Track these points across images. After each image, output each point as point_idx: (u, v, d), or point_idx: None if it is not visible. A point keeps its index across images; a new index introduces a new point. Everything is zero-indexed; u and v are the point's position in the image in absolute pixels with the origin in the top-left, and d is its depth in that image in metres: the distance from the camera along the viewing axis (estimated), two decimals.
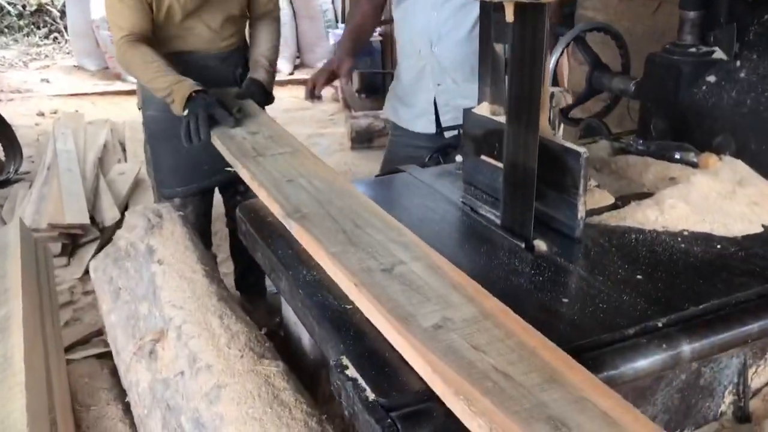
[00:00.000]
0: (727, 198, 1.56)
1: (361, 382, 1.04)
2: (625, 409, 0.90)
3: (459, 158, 1.88)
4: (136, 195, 4.20)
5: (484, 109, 1.69)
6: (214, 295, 1.43)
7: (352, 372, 1.06)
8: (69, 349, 2.55)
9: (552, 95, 1.58)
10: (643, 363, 1.12)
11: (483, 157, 1.69)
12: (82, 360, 1.69)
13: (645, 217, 1.54)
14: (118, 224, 3.69)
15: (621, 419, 0.88)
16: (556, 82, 2.88)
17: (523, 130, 1.42)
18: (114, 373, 1.58)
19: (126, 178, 4.29)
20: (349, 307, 1.22)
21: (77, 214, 3.50)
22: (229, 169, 1.83)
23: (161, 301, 1.44)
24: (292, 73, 7.35)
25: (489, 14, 1.59)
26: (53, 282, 1.95)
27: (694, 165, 1.69)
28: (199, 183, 2.43)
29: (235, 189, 2.50)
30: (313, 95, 2.34)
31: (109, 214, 3.72)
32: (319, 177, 1.67)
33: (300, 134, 2.55)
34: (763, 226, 1.50)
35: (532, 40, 1.36)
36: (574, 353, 1.09)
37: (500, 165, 1.57)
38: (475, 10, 2.09)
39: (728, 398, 1.42)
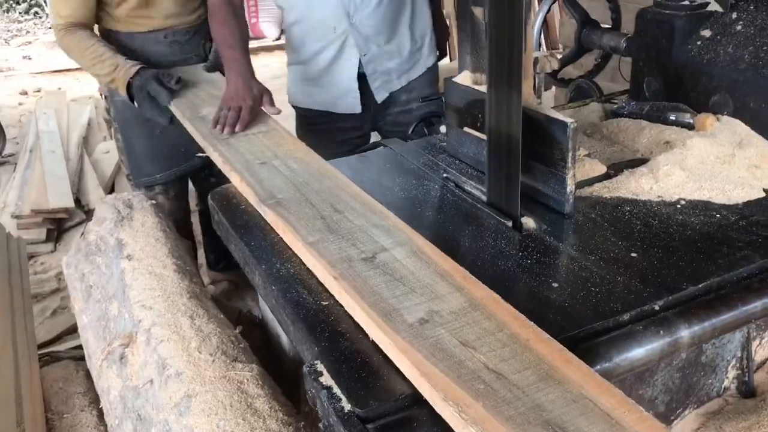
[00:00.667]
0: (726, 162, 1.48)
1: (337, 390, 0.96)
2: (629, 408, 0.83)
3: (443, 129, 1.78)
4: (121, 174, 4.10)
5: (465, 78, 1.59)
6: (185, 293, 1.36)
7: (326, 379, 0.99)
8: (55, 340, 2.50)
9: (536, 60, 1.48)
10: (640, 352, 1.04)
11: (466, 128, 1.59)
12: (56, 363, 1.61)
13: (639, 186, 1.45)
14: None
15: (624, 420, 0.82)
16: (547, 38, 2.76)
17: (505, 100, 1.32)
18: (89, 375, 1.51)
19: (111, 156, 4.18)
20: (325, 303, 1.15)
21: (61, 198, 3.42)
22: (200, 154, 1.74)
23: (130, 301, 1.36)
24: (278, 38, 7.17)
25: None
26: (27, 280, 1.88)
27: (690, 127, 1.60)
28: (178, 167, 2.33)
29: (210, 171, 2.36)
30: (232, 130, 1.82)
31: (94, 195, 3.63)
32: (295, 158, 1.60)
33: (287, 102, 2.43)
34: (764, 190, 1.42)
35: (510, 3, 1.25)
36: (566, 345, 1.02)
37: (483, 136, 1.49)
38: None
39: (731, 373, 1.35)
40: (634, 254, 1.24)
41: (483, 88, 1.50)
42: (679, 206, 1.38)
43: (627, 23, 2.18)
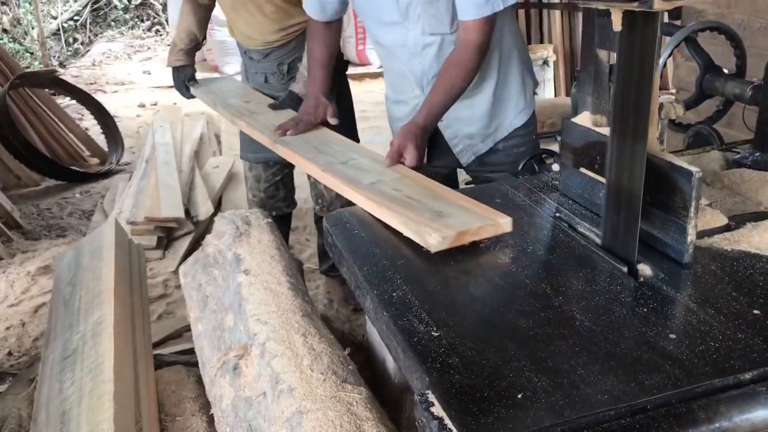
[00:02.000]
0: None
1: (448, 422, 0.98)
2: (478, 204, 1.53)
3: (556, 167, 1.78)
4: (230, 189, 4.27)
5: (584, 119, 1.59)
6: (298, 311, 1.41)
7: (438, 410, 1.00)
8: (161, 343, 2.62)
9: (661, 106, 1.46)
10: (762, 414, 1.01)
11: (583, 169, 1.59)
12: (169, 367, 1.69)
13: (762, 240, 1.40)
14: (213, 218, 3.78)
15: (474, 208, 1.52)
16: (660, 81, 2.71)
17: (629, 146, 1.31)
18: (200, 381, 1.58)
19: (220, 171, 4.38)
20: (436, 334, 1.16)
21: (173, 208, 3.60)
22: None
23: (246, 315, 1.42)
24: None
25: (592, 18, 1.49)
26: (145, 284, 1.99)
27: None
28: (263, 154, 2.64)
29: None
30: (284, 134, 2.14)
31: (203, 207, 3.80)
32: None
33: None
34: None
35: (641, 49, 1.25)
36: (682, 400, 1.00)
37: (601, 179, 1.48)
38: (452, 48, 2.00)
39: None
40: (756, 311, 1.20)
41: (603, 130, 1.49)
42: None
43: (751, 68, 2.13)
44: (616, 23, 1.26)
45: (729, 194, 1.63)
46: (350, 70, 3.19)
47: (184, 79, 2.81)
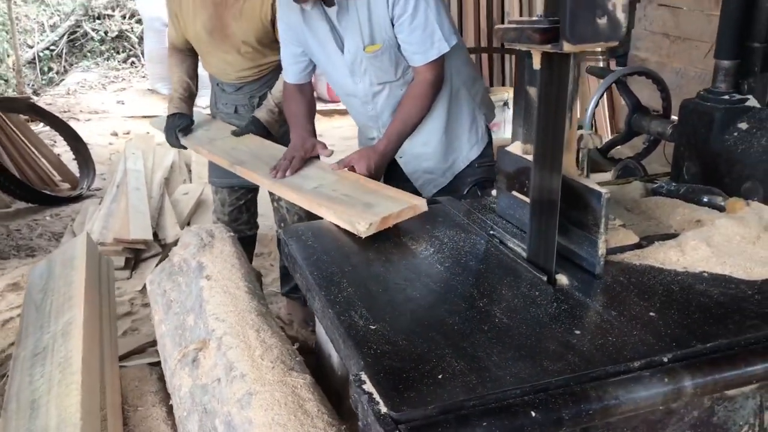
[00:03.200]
0: (751, 242, 1.60)
1: (376, 396, 1.13)
2: (401, 193, 1.90)
3: (494, 192, 1.97)
4: (198, 214, 4.41)
5: (516, 148, 1.78)
6: (253, 311, 1.56)
7: (368, 387, 1.16)
8: (125, 357, 2.72)
9: (581, 137, 1.66)
10: (643, 395, 1.18)
11: (514, 192, 1.77)
12: (134, 366, 1.82)
13: (667, 257, 1.59)
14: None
15: (396, 195, 1.88)
16: (612, 120, 2.95)
17: (547, 170, 1.50)
18: (161, 378, 1.71)
19: (189, 198, 4.51)
20: (373, 327, 1.33)
21: (142, 231, 3.72)
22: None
23: (206, 314, 1.57)
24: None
25: (524, 60, 1.69)
26: (113, 293, 2.12)
27: (722, 209, 1.74)
28: (228, 179, 2.90)
29: (273, 196, 3.03)
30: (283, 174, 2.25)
31: (172, 231, 3.92)
32: (253, 144, 2.50)
33: None
34: None
35: (557, 86, 1.45)
36: (579, 382, 1.18)
37: (527, 200, 1.66)
38: (400, 97, 2.23)
39: None
40: (653, 314, 1.38)
41: (530, 157, 1.68)
42: (700, 278, 1.52)
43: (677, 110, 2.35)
44: (536, 63, 1.46)
45: (645, 218, 1.83)
46: (321, 106, 3.42)
47: (176, 127, 2.83)
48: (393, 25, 2.10)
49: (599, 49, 3.76)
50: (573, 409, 1.14)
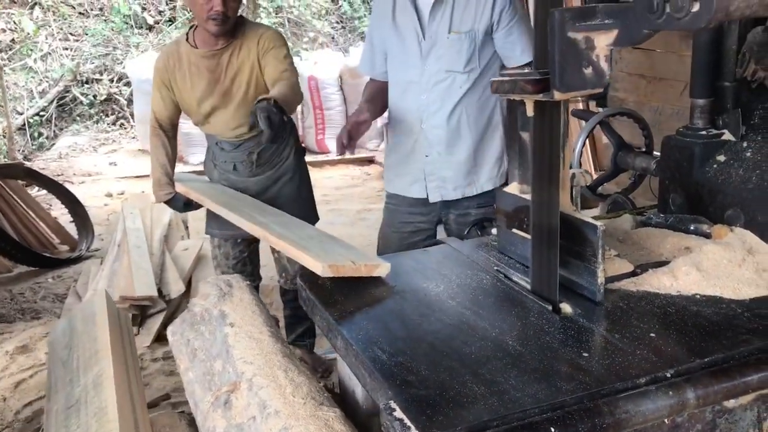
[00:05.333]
0: (738, 265, 1.73)
1: (407, 421, 1.23)
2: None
3: (494, 231, 2.09)
4: (199, 269, 4.49)
5: (514, 188, 1.91)
6: (279, 353, 1.65)
7: (399, 413, 1.26)
8: None
9: (573, 176, 1.80)
10: (651, 407, 1.28)
11: (514, 230, 1.90)
12: (162, 412, 1.90)
13: (661, 282, 1.71)
14: (183, 296, 3.99)
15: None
16: (595, 158, 3.13)
17: (545, 209, 1.63)
18: (191, 424, 1.79)
19: (189, 253, 4.60)
20: (396, 360, 1.43)
21: (146, 287, 3.80)
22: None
23: (234, 358, 1.66)
24: (342, 154, 7.71)
25: (516, 108, 1.83)
26: (134, 346, 2.20)
27: (708, 236, 1.86)
28: (229, 231, 3.01)
29: (273, 248, 3.08)
30: (342, 149, 2.67)
31: (175, 287, 4.01)
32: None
33: (349, 210, 2.91)
34: None
35: (549, 130, 1.58)
36: (591, 399, 1.28)
37: (528, 236, 1.78)
38: (456, 94, 2.58)
39: None
40: (652, 334, 1.49)
41: (528, 197, 1.81)
42: (694, 300, 1.63)
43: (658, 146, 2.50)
44: (529, 110, 1.60)
45: (637, 248, 1.95)
46: (311, 158, 3.60)
47: (179, 207, 3.08)
48: (497, 26, 2.52)
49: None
50: (588, 424, 1.24)
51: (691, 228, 1.91)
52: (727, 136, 1.97)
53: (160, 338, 3.69)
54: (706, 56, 1.97)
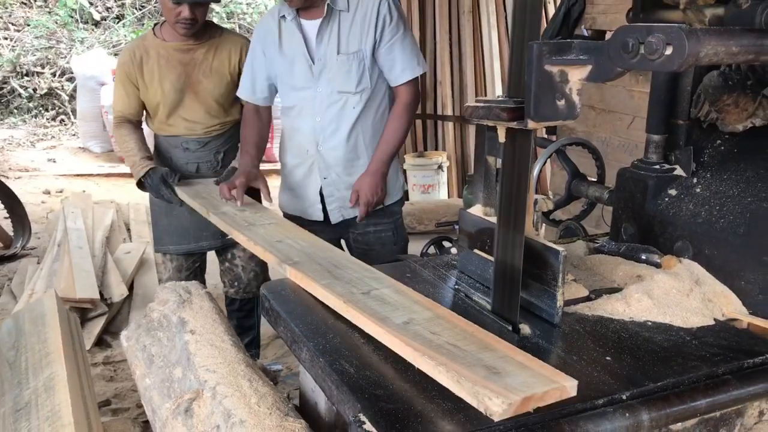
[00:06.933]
0: (685, 295, 1.82)
1: None
2: (534, 360, 1.37)
3: (454, 250, 2.14)
4: (141, 273, 4.41)
5: (477, 210, 1.96)
6: (242, 362, 1.65)
7: (368, 426, 1.28)
8: None
9: (535, 201, 1.86)
10: (609, 428, 1.34)
11: (476, 250, 1.95)
12: (115, 419, 1.87)
13: (614, 308, 1.78)
14: (125, 300, 3.91)
15: (530, 364, 1.36)
16: (538, 184, 3.26)
17: (511, 233, 1.68)
18: (144, 431, 1.76)
19: (132, 256, 4.51)
20: (363, 374, 1.45)
21: (88, 289, 3.71)
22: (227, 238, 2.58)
23: (195, 366, 1.65)
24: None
25: (483, 132, 1.89)
26: (84, 349, 2.15)
27: (658, 265, 1.95)
28: (186, 245, 3.05)
29: (224, 257, 3.22)
30: (228, 198, 2.62)
31: (117, 290, 3.92)
32: (302, 239, 2.20)
33: None
34: (714, 319, 1.75)
35: (519, 156, 1.64)
36: (553, 418, 1.33)
37: (490, 258, 1.83)
38: (350, 116, 2.66)
39: None
40: (608, 358, 1.56)
41: (491, 219, 1.87)
42: (645, 326, 1.71)
43: (611, 176, 2.60)
44: (501, 136, 1.65)
45: (591, 274, 2.03)
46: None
47: (160, 178, 2.85)
48: (379, 44, 2.56)
49: None
50: None
51: (643, 257, 2.00)
52: (679, 171, 2.07)
53: (100, 342, 3.61)
54: (662, 95, 2.07)
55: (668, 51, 1.29)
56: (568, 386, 1.29)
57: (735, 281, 1.83)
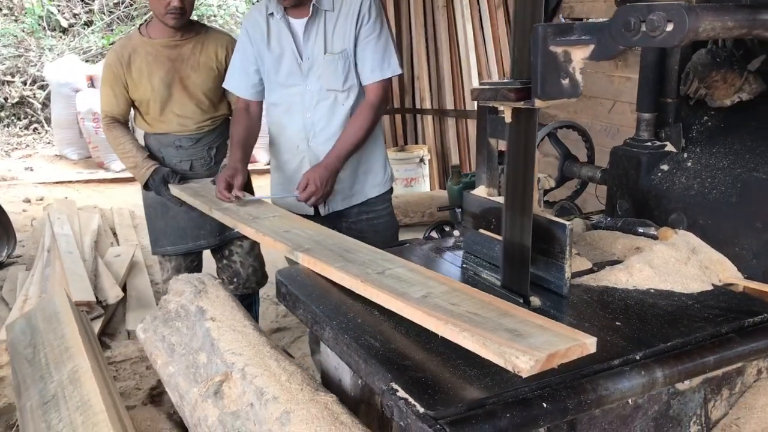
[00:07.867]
0: (684, 263, 1.91)
1: (411, 399, 1.32)
2: (553, 323, 1.44)
3: (456, 233, 2.21)
4: (133, 275, 4.42)
5: (481, 191, 2.03)
6: (266, 344, 1.70)
7: (402, 393, 1.34)
8: None
9: (538, 180, 1.93)
10: (626, 385, 1.42)
11: (482, 230, 2.02)
12: (141, 407, 1.91)
13: (618, 278, 1.87)
14: (120, 303, 3.92)
15: (550, 326, 1.42)
16: None
17: (518, 212, 1.74)
18: (169, 418, 1.81)
19: (122, 260, 4.52)
20: (389, 347, 1.51)
21: (83, 293, 3.71)
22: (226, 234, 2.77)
23: (220, 350, 1.70)
24: (269, 163, 7.71)
25: (485, 115, 1.96)
26: (98, 343, 2.18)
27: (655, 237, 2.04)
28: (184, 245, 3.09)
29: (222, 254, 3.26)
30: (228, 199, 2.62)
31: (112, 292, 3.93)
32: (309, 228, 2.26)
33: None
34: (713, 285, 1.85)
35: (525, 136, 1.71)
36: (575, 378, 1.40)
37: (497, 237, 1.90)
38: (341, 111, 2.71)
39: (694, 428, 1.72)
40: (618, 323, 1.64)
41: (495, 199, 1.94)
42: (649, 293, 1.80)
43: (597, 160, 2.69)
44: (507, 117, 1.72)
45: (591, 249, 2.11)
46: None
47: (161, 179, 2.92)
48: (356, 41, 2.60)
49: None
50: (575, 400, 1.36)
51: (640, 230, 2.09)
52: (670, 147, 2.16)
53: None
54: (651, 75, 2.16)
55: (669, 27, 1.37)
56: (588, 343, 1.35)
57: (729, 248, 1.93)
